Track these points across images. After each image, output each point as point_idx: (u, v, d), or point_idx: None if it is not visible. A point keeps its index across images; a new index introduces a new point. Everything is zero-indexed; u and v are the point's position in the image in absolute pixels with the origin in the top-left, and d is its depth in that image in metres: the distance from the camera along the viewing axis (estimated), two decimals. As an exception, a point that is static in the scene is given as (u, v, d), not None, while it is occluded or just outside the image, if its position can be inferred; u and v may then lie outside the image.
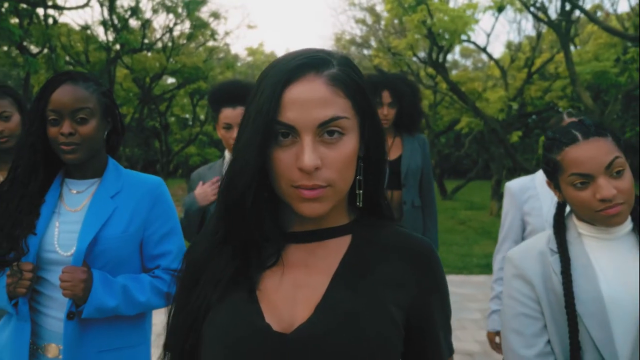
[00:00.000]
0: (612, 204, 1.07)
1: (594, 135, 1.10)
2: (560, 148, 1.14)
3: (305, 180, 0.67)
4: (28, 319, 1.27)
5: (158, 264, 1.43)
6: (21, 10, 7.36)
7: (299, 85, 0.68)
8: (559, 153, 1.14)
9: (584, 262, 1.13)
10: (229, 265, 0.75)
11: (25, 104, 1.99)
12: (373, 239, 0.78)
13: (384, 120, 2.67)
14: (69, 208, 1.37)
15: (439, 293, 0.78)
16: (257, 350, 0.69)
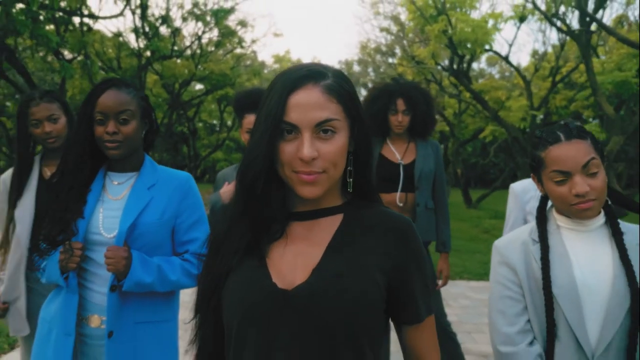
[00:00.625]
0: (585, 199, 1.21)
1: (575, 137, 1.25)
2: (544, 146, 1.28)
3: (304, 167, 0.84)
4: (76, 291, 1.47)
5: (187, 248, 1.61)
6: (58, 18, 7.70)
7: (300, 93, 0.86)
8: (544, 150, 1.28)
9: (560, 251, 1.27)
10: (243, 238, 0.93)
11: (69, 108, 2.22)
12: (361, 217, 0.95)
13: (398, 127, 2.82)
14: (111, 197, 1.57)
15: (415, 261, 0.94)
16: (265, 303, 0.87)
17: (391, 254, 0.92)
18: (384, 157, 2.88)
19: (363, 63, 27.33)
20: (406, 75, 12.87)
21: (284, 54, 28.56)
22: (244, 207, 0.92)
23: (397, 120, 2.80)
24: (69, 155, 1.55)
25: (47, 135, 2.06)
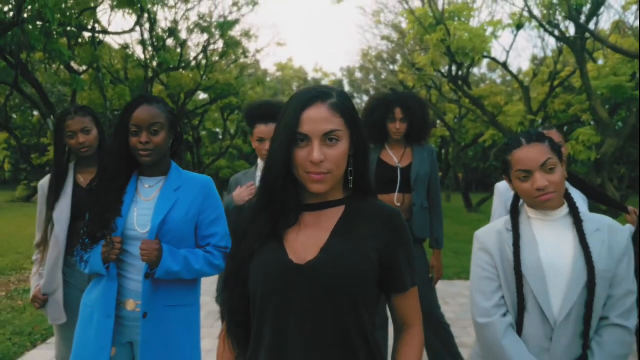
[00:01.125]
0: (545, 192, 1.44)
1: (534, 141, 1.48)
2: (510, 150, 1.52)
3: (314, 169, 1.07)
4: (116, 279, 1.71)
5: (208, 242, 1.85)
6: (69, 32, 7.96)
7: (311, 110, 1.09)
8: (509, 154, 1.52)
9: (529, 237, 1.50)
10: (265, 225, 1.16)
11: (100, 121, 2.46)
12: (359, 208, 1.18)
13: (396, 133, 3.05)
14: (143, 198, 1.81)
15: (402, 243, 1.17)
16: (283, 275, 1.10)
17: (382, 238, 1.15)
18: (383, 162, 3.11)
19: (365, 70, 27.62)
20: (407, 81, 13.11)
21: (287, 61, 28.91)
22: (266, 201, 1.15)
23: (395, 127, 3.03)
24: (108, 162, 1.79)
25: (81, 145, 2.31)
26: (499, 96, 10.80)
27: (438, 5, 7.68)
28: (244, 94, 13.38)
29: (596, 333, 1.44)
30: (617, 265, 1.44)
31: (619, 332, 1.42)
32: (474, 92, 11.20)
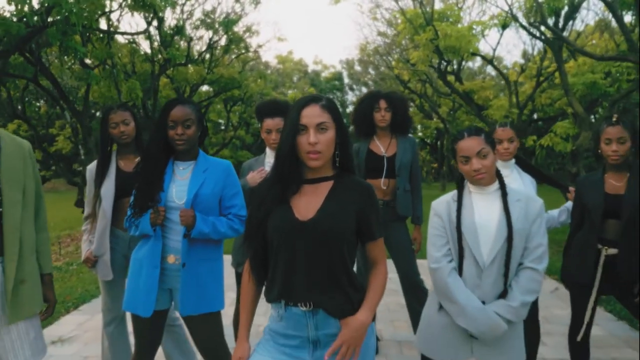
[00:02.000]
0: (479, 172, 1.95)
1: (473, 135, 1.99)
2: (456, 141, 2.02)
3: (311, 149, 1.57)
4: (160, 239, 2.22)
5: (230, 211, 2.36)
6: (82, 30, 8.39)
7: (308, 108, 1.59)
8: (456, 144, 2.02)
9: (468, 205, 2.01)
10: (277, 194, 1.66)
11: (137, 115, 2.97)
12: (344, 182, 1.69)
13: (381, 121, 3.54)
14: (179, 177, 2.31)
15: (372, 206, 1.67)
16: (291, 229, 1.60)
17: (360, 203, 1.66)
18: (371, 151, 3.62)
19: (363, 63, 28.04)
20: (402, 76, 13.56)
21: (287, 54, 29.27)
22: (278, 176, 1.66)
23: (380, 116, 3.54)
24: (151, 149, 2.29)
25: (122, 134, 2.82)
26: (488, 90, 11.28)
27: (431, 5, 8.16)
28: (247, 87, 13.87)
29: (515, 275, 1.96)
30: (531, 226, 1.95)
31: (531, 273, 1.93)
32: (465, 86, 11.68)
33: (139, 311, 2.24)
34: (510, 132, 2.92)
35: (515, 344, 1.98)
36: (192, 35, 11.12)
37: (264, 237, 1.67)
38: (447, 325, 2.00)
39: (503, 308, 1.90)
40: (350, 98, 35.51)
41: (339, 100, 35.23)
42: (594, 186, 2.67)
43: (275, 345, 1.68)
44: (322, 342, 1.63)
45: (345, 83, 35.07)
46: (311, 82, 31.40)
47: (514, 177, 2.90)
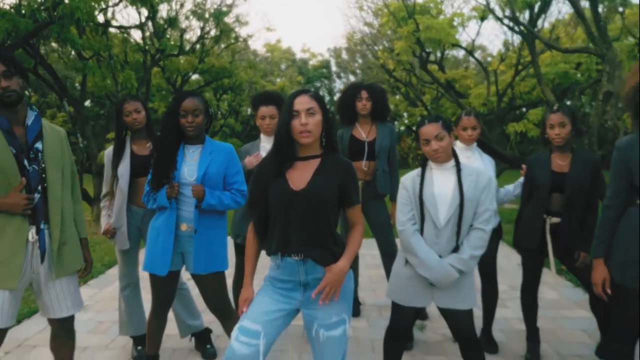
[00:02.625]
0: (437, 152, 2.38)
1: (432, 122, 2.42)
2: (419, 127, 2.46)
3: (303, 129, 1.99)
4: (175, 210, 2.63)
5: (232, 187, 2.77)
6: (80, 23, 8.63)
7: (299, 97, 2.02)
8: (419, 129, 2.46)
9: (429, 179, 2.45)
10: (275, 168, 2.09)
11: (147, 105, 3.36)
12: (328, 159, 2.11)
13: (363, 109, 3.95)
14: (189, 159, 2.72)
15: (351, 179, 2.10)
16: (287, 197, 2.02)
17: (341, 176, 2.08)
18: (354, 137, 4.04)
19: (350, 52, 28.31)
20: (388, 65, 13.94)
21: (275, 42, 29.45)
22: (276, 154, 2.08)
23: (362, 104, 3.95)
24: (165, 135, 2.70)
25: (134, 121, 3.21)
26: (469, 79, 11.72)
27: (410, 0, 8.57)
28: (237, 76, 14.19)
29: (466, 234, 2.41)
30: (480, 195, 2.39)
31: (480, 233, 2.38)
32: (448, 75, 12.12)
33: (157, 270, 2.67)
34: (473, 120, 3.36)
35: (466, 291, 2.44)
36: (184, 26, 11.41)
37: (265, 203, 2.10)
38: (412, 276, 2.45)
39: (456, 260, 2.36)
40: (337, 86, 35.80)
41: (326, 88, 35.50)
42: (542, 165, 3.13)
43: (273, 288, 2.12)
44: (310, 284, 2.08)
45: (333, 71, 35.34)
46: (299, 71, 31.62)
47: (476, 158, 3.36)
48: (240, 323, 2.07)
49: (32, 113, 2.38)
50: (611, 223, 2.39)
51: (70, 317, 2.52)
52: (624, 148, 2.33)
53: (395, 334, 2.61)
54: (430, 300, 2.46)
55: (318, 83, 34.72)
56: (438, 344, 3.59)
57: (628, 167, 2.31)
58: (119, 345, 3.58)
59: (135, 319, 3.39)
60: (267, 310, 2.08)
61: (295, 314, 2.16)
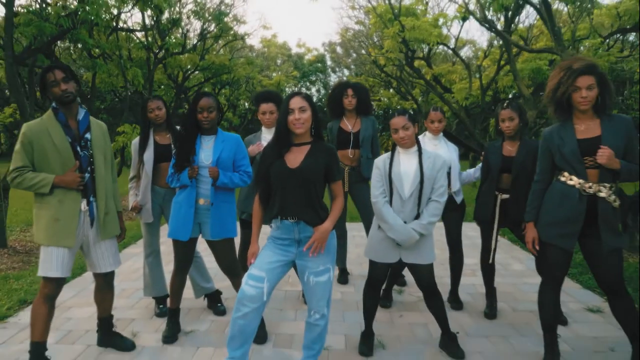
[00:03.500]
0: (403, 139, 2.99)
1: (400, 115, 3.02)
2: (390, 119, 3.06)
3: (297, 122, 2.59)
4: (195, 187, 3.23)
5: (240, 169, 3.36)
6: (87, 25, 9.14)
7: (294, 99, 2.62)
8: (390, 120, 3.05)
9: (397, 161, 3.05)
10: (276, 152, 2.69)
11: (167, 104, 3.95)
12: (317, 145, 2.71)
13: (349, 105, 4.54)
14: (205, 146, 3.31)
15: (334, 161, 2.69)
16: (285, 174, 2.62)
17: (326, 158, 2.67)
18: (341, 128, 4.63)
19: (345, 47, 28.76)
20: (379, 61, 14.50)
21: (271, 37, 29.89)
22: (277, 141, 2.69)
23: (348, 101, 4.55)
24: (186, 128, 3.29)
25: (157, 117, 3.80)
26: (454, 74, 12.30)
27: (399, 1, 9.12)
28: (235, 72, 14.72)
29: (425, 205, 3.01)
30: (436, 174, 2.99)
31: (435, 204, 2.99)
32: (434, 70, 12.70)
33: (180, 237, 3.27)
34: (439, 114, 3.96)
35: (426, 249, 3.04)
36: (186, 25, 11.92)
37: (268, 179, 2.70)
38: (383, 238, 3.06)
39: (417, 225, 2.97)
40: (333, 80, 36.23)
41: (322, 82, 35.92)
42: (496, 150, 3.73)
43: (274, 245, 2.73)
44: (302, 241, 2.68)
45: (328, 65, 35.76)
46: (295, 65, 32.07)
47: (442, 145, 3.96)
48: (249, 272, 2.68)
49: (82, 110, 2.97)
50: (539, 194, 3.01)
51: (111, 272, 3.13)
52: (547, 136, 2.94)
53: (372, 284, 3.23)
54: (398, 257, 3.07)
55: (313, 77, 35.18)
56: (413, 304, 4.21)
57: (550, 150, 2.92)
58: (143, 306, 4.19)
59: (157, 282, 3.99)
60: (269, 261, 2.69)
61: (291, 265, 2.77)
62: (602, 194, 2.76)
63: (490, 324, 3.77)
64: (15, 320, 3.88)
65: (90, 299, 4.23)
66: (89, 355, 3.22)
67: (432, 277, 3.11)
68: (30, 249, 6.29)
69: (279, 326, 3.72)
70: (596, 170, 2.76)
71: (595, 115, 2.82)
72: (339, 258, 4.84)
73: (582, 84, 2.74)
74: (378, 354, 3.24)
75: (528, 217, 3.04)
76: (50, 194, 2.81)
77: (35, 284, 4.75)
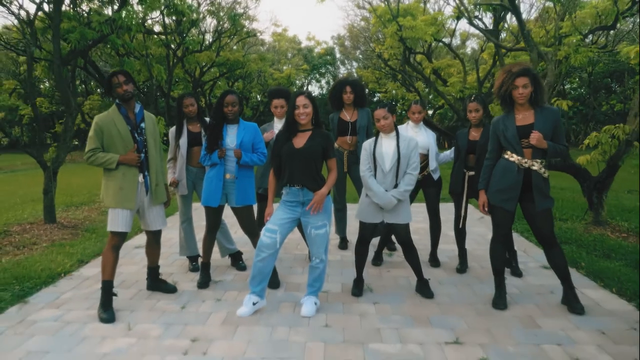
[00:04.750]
0: (383, 127, 3.81)
1: (382, 107, 3.84)
2: (374, 110, 3.88)
3: (302, 115, 3.45)
4: (223, 165, 4.07)
5: (257, 150, 4.19)
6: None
7: (299, 97, 3.48)
8: (374, 111, 3.88)
9: (379, 143, 3.86)
10: (286, 136, 3.54)
11: (198, 100, 4.81)
12: (316, 132, 3.55)
13: (347, 100, 5.36)
14: (230, 133, 4.15)
15: (330, 144, 3.53)
16: (292, 152, 3.48)
17: (323, 141, 3.51)
18: (341, 118, 5.45)
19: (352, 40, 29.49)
20: (383, 55, 15.24)
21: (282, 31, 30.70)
22: (286, 128, 3.54)
23: (346, 96, 5.36)
24: (215, 119, 4.13)
25: (190, 112, 4.65)
26: (452, 68, 13.01)
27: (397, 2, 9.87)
28: (248, 66, 15.58)
29: (402, 177, 3.84)
30: (410, 153, 3.81)
31: (410, 175, 3.81)
32: (435, 64, 13.43)
33: (211, 204, 4.12)
34: (419, 107, 4.76)
35: (403, 212, 3.86)
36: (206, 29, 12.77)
37: (280, 157, 3.55)
38: (369, 203, 3.90)
39: (395, 193, 3.79)
40: (342, 72, 36.90)
41: (331, 74, 36.68)
42: (464, 136, 4.54)
43: (284, 206, 3.59)
44: (305, 203, 3.53)
45: (337, 58, 36.46)
46: (304, 58, 32.84)
47: (421, 132, 4.77)
48: (266, 226, 3.54)
49: (138, 105, 3.83)
50: (489, 169, 3.82)
51: (159, 230, 4.01)
52: (495, 123, 3.75)
53: (361, 241, 4.07)
54: (381, 218, 3.91)
55: (322, 70, 35.92)
56: (400, 264, 5.05)
57: (497, 135, 3.73)
58: (178, 265, 5.08)
59: (190, 244, 4.87)
60: (281, 218, 3.55)
61: (297, 221, 3.63)
62: (535, 167, 3.57)
63: (460, 277, 4.60)
64: (78, 274, 4.79)
65: (133, 260, 5.14)
66: (142, 296, 4.11)
67: (408, 234, 3.95)
68: (74, 225, 7.21)
69: (289, 277, 4.59)
70: (530, 150, 3.57)
71: (531, 107, 3.62)
72: (340, 228, 5.69)
73: (519, 83, 3.54)
74: (367, 295, 4.09)
75: (480, 186, 3.86)
76: (116, 169, 3.67)
77: (87, 249, 5.66)
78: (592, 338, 3.20)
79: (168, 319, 3.61)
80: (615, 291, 4.07)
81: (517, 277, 4.53)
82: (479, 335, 3.28)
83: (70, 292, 4.21)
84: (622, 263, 4.83)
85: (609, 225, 6.49)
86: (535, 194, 3.59)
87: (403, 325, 3.45)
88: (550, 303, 3.85)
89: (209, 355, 3.01)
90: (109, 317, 3.55)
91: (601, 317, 3.55)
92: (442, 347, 3.10)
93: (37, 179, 14.45)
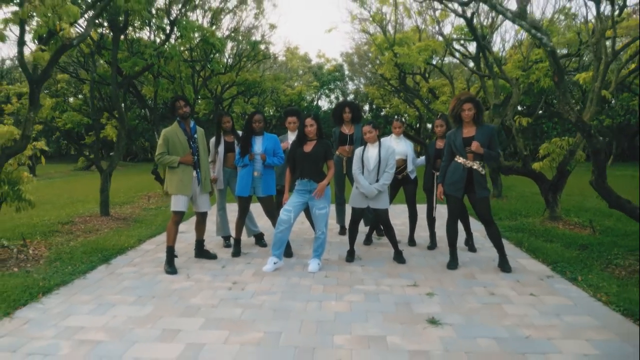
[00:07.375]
0: (369, 139, 5.20)
1: (367, 124, 5.24)
2: (362, 126, 5.28)
3: (310, 130, 4.88)
4: (252, 165, 5.47)
5: (277, 155, 5.59)
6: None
7: (307, 119, 4.93)
8: (362, 127, 5.28)
9: (367, 150, 5.25)
10: (299, 144, 4.97)
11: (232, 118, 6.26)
12: (320, 141, 4.96)
13: (346, 117, 6.74)
14: (257, 142, 5.53)
15: (329, 150, 4.94)
16: (303, 156, 4.90)
17: (324, 148, 4.92)
18: (342, 132, 6.82)
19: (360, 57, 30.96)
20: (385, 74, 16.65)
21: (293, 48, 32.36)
22: (298, 139, 4.96)
23: (346, 115, 6.76)
24: (246, 132, 5.55)
25: (226, 127, 6.08)
26: (446, 87, 14.39)
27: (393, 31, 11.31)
28: (263, 84, 17.08)
29: (382, 174, 5.22)
30: (388, 157, 5.19)
31: (387, 173, 5.16)
32: (430, 83, 14.84)
33: (242, 194, 5.52)
34: (399, 124, 6.15)
35: (383, 200, 5.23)
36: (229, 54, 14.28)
37: (294, 159, 4.97)
38: (358, 193, 5.27)
39: (377, 185, 5.16)
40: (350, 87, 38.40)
41: (340, 90, 38.20)
42: (432, 145, 5.92)
43: (297, 193, 4.99)
44: (311, 190, 4.94)
45: (346, 74, 37.99)
46: (314, 75, 34.39)
47: (401, 142, 6.14)
48: (283, 208, 4.95)
49: (192, 121, 5.28)
50: (445, 168, 5.19)
51: (205, 212, 5.43)
52: (448, 135, 5.13)
53: (353, 221, 5.44)
54: (366, 204, 5.28)
55: (332, 86, 37.44)
56: (385, 244, 6.39)
57: (449, 144, 5.12)
58: (214, 242, 6.49)
59: (224, 226, 6.27)
60: (294, 201, 4.96)
61: (306, 204, 5.03)
62: (475, 166, 4.94)
63: (429, 252, 5.94)
64: (140, 248, 6.21)
65: (179, 240, 6.56)
66: (191, 262, 5.51)
67: (387, 218, 5.31)
68: (124, 217, 8.66)
69: (300, 251, 5.97)
70: (472, 155, 4.95)
71: (474, 124, 5.00)
72: (339, 218, 7.08)
73: (465, 107, 4.92)
74: (357, 262, 5.45)
75: (438, 180, 5.24)
76: (177, 167, 5.10)
77: (142, 232, 7.09)
78: (508, 284, 4.55)
79: (214, 272, 5.01)
80: (541, 260, 5.40)
81: (472, 252, 5.88)
82: (432, 282, 4.64)
83: (139, 258, 5.63)
84: (559, 244, 6.14)
85: (562, 220, 7.79)
86: (475, 186, 4.95)
87: (379, 277, 4.81)
88: (490, 266, 5.20)
89: (246, 290, 4.40)
90: (173, 270, 4.97)
91: (521, 273, 4.90)
92: (404, 288, 4.45)
93: (74, 185, 16.00)
